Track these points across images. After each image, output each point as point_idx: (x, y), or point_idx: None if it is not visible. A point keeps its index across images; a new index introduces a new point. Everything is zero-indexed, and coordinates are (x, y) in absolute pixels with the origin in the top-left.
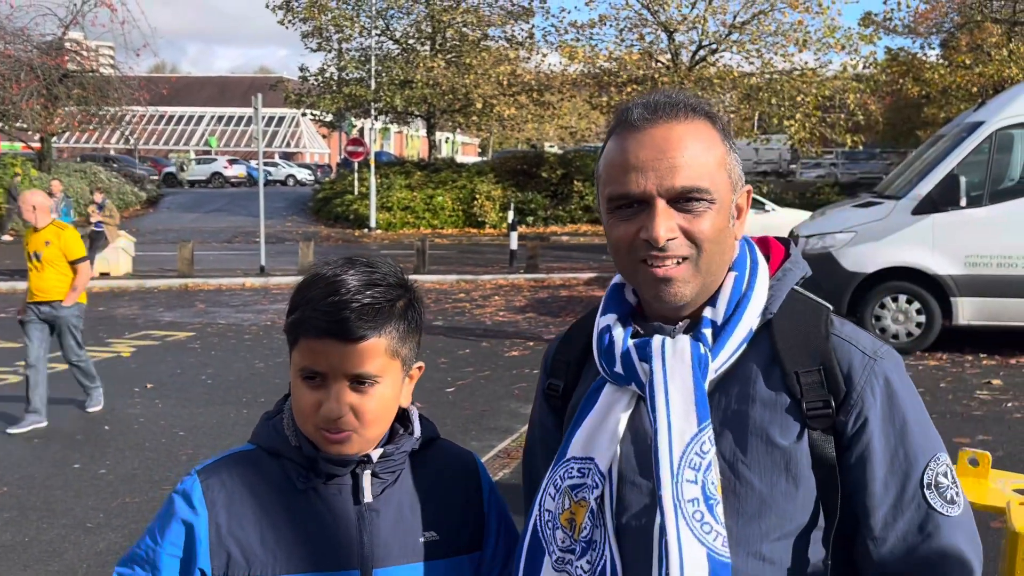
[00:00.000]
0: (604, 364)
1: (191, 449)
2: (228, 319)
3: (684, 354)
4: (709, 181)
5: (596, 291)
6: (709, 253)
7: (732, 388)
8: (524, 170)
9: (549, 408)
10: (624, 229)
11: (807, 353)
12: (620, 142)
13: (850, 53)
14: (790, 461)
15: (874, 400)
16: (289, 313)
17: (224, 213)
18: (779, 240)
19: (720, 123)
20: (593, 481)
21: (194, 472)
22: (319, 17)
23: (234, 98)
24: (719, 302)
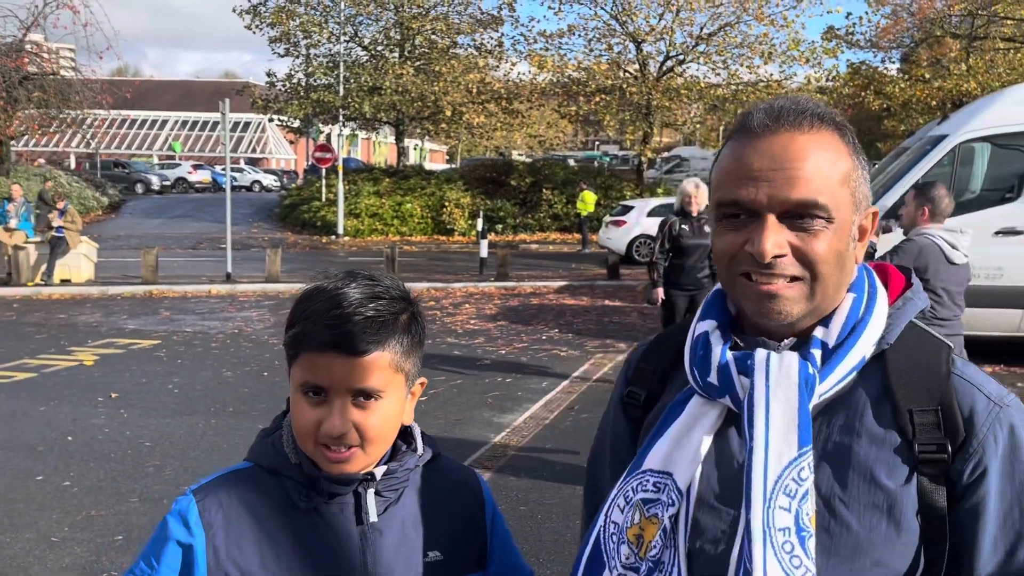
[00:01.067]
0: (697, 373)
1: (158, 460)
2: (194, 327)
3: (791, 371)
4: (829, 197)
5: (567, 299)
6: (823, 276)
7: (836, 418)
8: (493, 178)
9: (625, 417)
10: (730, 239)
11: (924, 391)
12: (736, 148)
13: (814, 66)
14: (894, 505)
15: (996, 450)
16: (289, 327)
17: (189, 219)
18: (899, 268)
19: (850, 135)
20: (669, 498)
21: (189, 492)
22: (287, 22)
23: (199, 103)
24: (833, 324)
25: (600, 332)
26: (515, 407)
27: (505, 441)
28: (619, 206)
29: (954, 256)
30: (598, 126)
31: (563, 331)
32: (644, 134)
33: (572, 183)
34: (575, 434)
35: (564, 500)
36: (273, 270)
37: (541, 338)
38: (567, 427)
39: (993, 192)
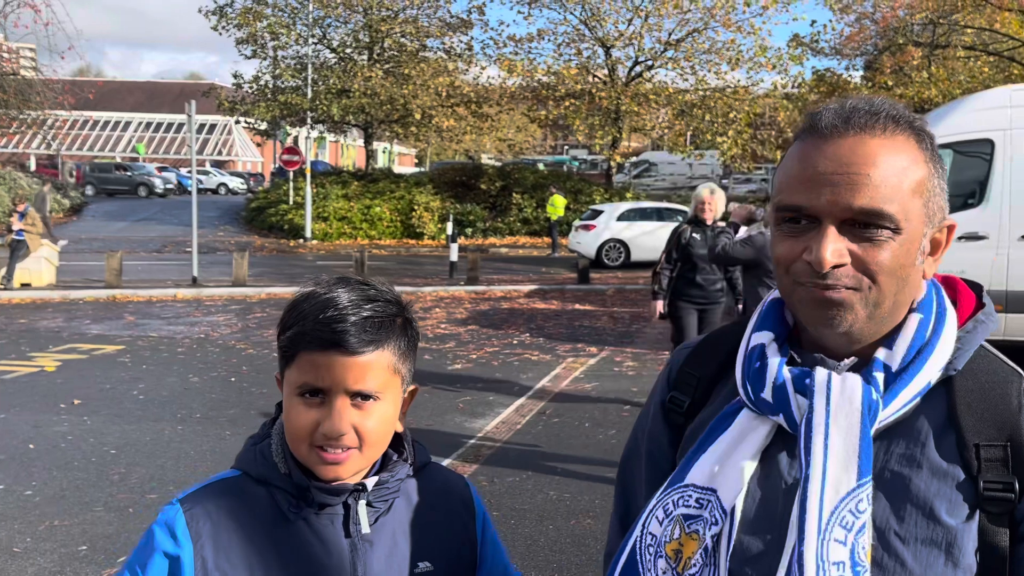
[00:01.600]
0: (749, 387)
1: (123, 468)
2: (160, 331)
3: (854, 395)
4: (897, 207)
5: (538, 303)
6: (884, 289)
7: (896, 445)
8: (463, 182)
9: (666, 423)
10: (788, 246)
11: (993, 424)
12: (802, 149)
13: (780, 72)
14: (953, 543)
15: None
16: (284, 330)
17: (153, 222)
18: (969, 284)
19: (928, 141)
20: (712, 516)
21: (176, 501)
22: (254, 24)
23: (163, 104)
24: (897, 345)
25: (571, 336)
26: (487, 412)
27: (477, 446)
28: (589, 210)
29: None
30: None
31: (534, 335)
32: (613, 139)
33: (542, 187)
34: (547, 439)
35: (537, 506)
36: (240, 274)
37: (512, 342)
38: (539, 431)
39: (956, 198)
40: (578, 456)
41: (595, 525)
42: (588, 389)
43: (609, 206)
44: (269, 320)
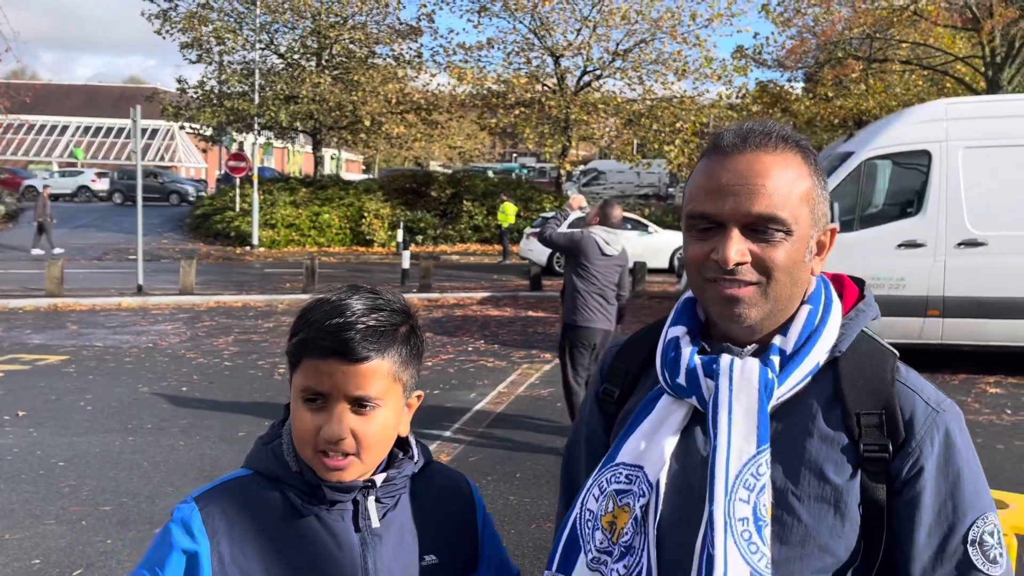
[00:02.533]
0: (667, 375)
1: (73, 480)
2: (105, 341)
3: (752, 375)
4: (789, 212)
5: (490, 310)
6: (779, 283)
7: (791, 419)
8: (413, 189)
9: (600, 412)
10: (699, 248)
11: (871, 396)
12: (708, 165)
13: (725, 83)
14: (840, 498)
15: (932, 451)
16: (292, 336)
17: (93, 229)
18: (853, 280)
19: (812, 157)
20: (640, 489)
21: (191, 499)
22: (199, 28)
23: (102, 108)
24: (790, 332)
25: (525, 343)
26: (444, 419)
27: (436, 454)
28: (539, 218)
29: (606, 249)
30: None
31: (488, 342)
32: (563, 147)
33: (492, 195)
34: (505, 444)
35: (498, 511)
36: (188, 282)
37: (467, 349)
38: (497, 437)
39: (895, 207)
40: (536, 461)
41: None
42: (544, 395)
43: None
44: (218, 329)
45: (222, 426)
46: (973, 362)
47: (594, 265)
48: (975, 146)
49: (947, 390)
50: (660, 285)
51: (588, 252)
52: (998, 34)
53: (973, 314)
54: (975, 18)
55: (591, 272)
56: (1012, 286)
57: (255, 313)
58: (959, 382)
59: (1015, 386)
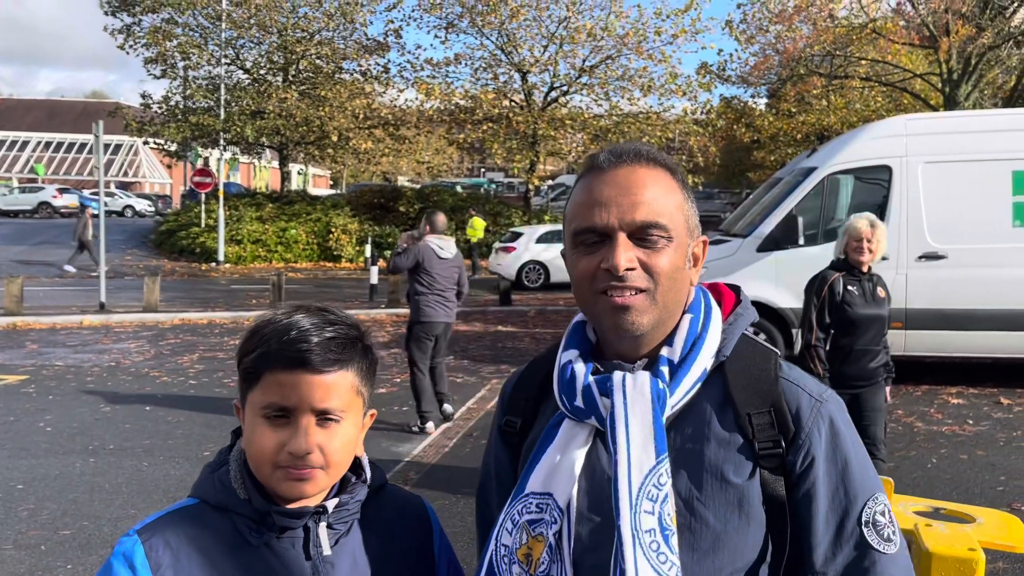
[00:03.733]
0: (564, 399)
1: (32, 504)
2: (66, 360)
3: (644, 388)
4: (668, 219)
5: (460, 325)
6: (665, 288)
7: (687, 427)
8: (381, 204)
9: (504, 444)
10: (587, 261)
11: (758, 395)
12: (587, 182)
13: (690, 99)
14: (743, 499)
15: (820, 440)
16: (246, 353)
17: (53, 245)
18: (729, 287)
19: (679, 175)
20: (551, 516)
21: (133, 532)
22: (164, 44)
23: (64, 123)
24: (676, 342)
25: (495, 358)
26: (413, 436)
27: (404, 471)
28: (508, 232)
29: (441, 253)
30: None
31: (458, 357)
32: (531, 162)
33: (461, 209)
34: (475, 461)
35: (468, 528)
36: (151, 299)
37: None
38: (466, 454)
39: None
40: None
41: None
42: None
43: (528, 228)
44: (183, 346)
45: (187, 446)
46: (935, 373)
47: (435, 269)
48: (934, 161)
49: (910, 402)
50: None
51: (428, 259)
52: (955, 52)
53: (935, 326)
54: (932, 36)
55: (432, 275)
56: (971, 298)
57: (220, 330)
58: (922, 393)
59: (976, 396)
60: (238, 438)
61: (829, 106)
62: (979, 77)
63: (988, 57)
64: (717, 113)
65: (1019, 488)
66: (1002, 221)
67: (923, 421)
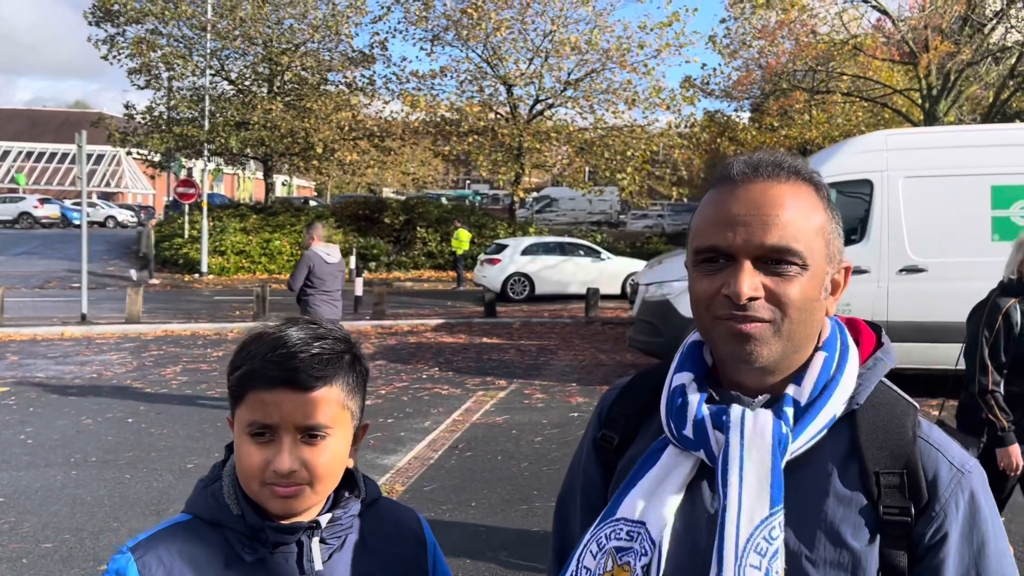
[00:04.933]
0: (673, 425)
1: (13, 517)
2: (47, 372)
3: (765, 430)
4: (804, 245)
5: (444, 337)
6: (794, 321)
7: (805, 476)
8: (366, 215)
9: (598, 459)
10: (707, 284)
11: (891, 453)
12: (716, 196)
13: (674, 112)
14: (858, 565)
15: (956, 515)
16: (233, 370)
17: (35, 256)
18: (870, 325)
19: (825, 191)
20: (642, 547)
21: (126, 549)
22: (147, 54)
23: (46, 133)
24: (805, 382)
25: (480, 370)
26: (398, 448)
27: (390, 483)
28: (493, 244)
29: (328, 259)
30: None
31: (443, 369)
32: (516, 174)
33: (446, 221)
34: (460, 473)
35: (453, 540)
36: (134, 310)
37: (421, 377)
38: (452, 466)
39: None
40: (492, 489)
41: (511, 558)
42: (499, 422)
43: (513, 240)
44: (166, 358)
45: (170, 458)
46: (916, 386)
47: (324, 272)
48: (914, 176)
49: None
50: (613, 311)
51: (317, 265)
52: (934, 68)
53: (915, 339)
54: (912, 52)
55: (321, 278)
56: (951, 311)
57: (204, 342)
58: None
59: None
60: (231, 452)
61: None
62: (958, 93)
63: (967, 73)
64: (701, 127)
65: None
66: (981, 235)
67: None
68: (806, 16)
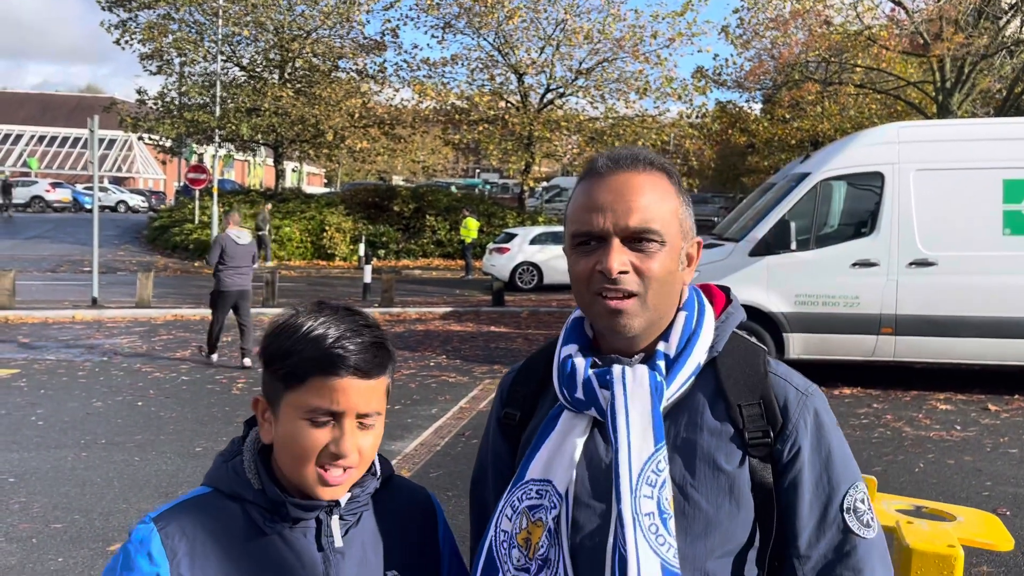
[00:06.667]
0: (565, 391)
1: (24, 497)
2: (58, 355)
3: (643, 381)
4: (661, 225)
5: (452, 325)
6: (656, 291)
7: (681, 417)
8: (376, 203)
9: (503, 436)
10: (584, 263)
11: (748, 388)
12: (586, 187)
13: (686, 103)
14: (733, 485)
15: (806, 431)
16: (286, 355)
17: (47, 240)
18: (719, 288)
19: (676, 178)
20: (551, 502)
21: (149, 519)
22: (159, 39)
23: (57, 117)
24: (672, 337)
25: (487, 358)
26: (405, 435)
27: (396, 469)
28: (503, 233)
29: (239, 241)
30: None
31: (450, 357)
32: (526, 164)
33: (455, 209)
34: (467, 460)
35: (458, 526)
36: (144, 295)
37: (429, 364)
38: (458, 453)
39: (850, 227)
40: None
41: None
42: None
43: (522, 230)
44: (175, 342)
45: (179, 441)
46: (924, 379)
47: (235, 251)
48: (926, 168)
49: (899, 407)
50: None
51: (229, 246)
52: (948, 59)
53: (924, 332)
54: (925, 43)
55: (232, 256)
56: (960, 305)
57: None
58: (911, 399)
59: (964, 403)
60: (251, 428)
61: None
62: (972, 86)
63: (981, 66)
64: (712, 117)
65: (1004, 493)
66: (992, 229)
67: (911, 426)
68: (820, 6)
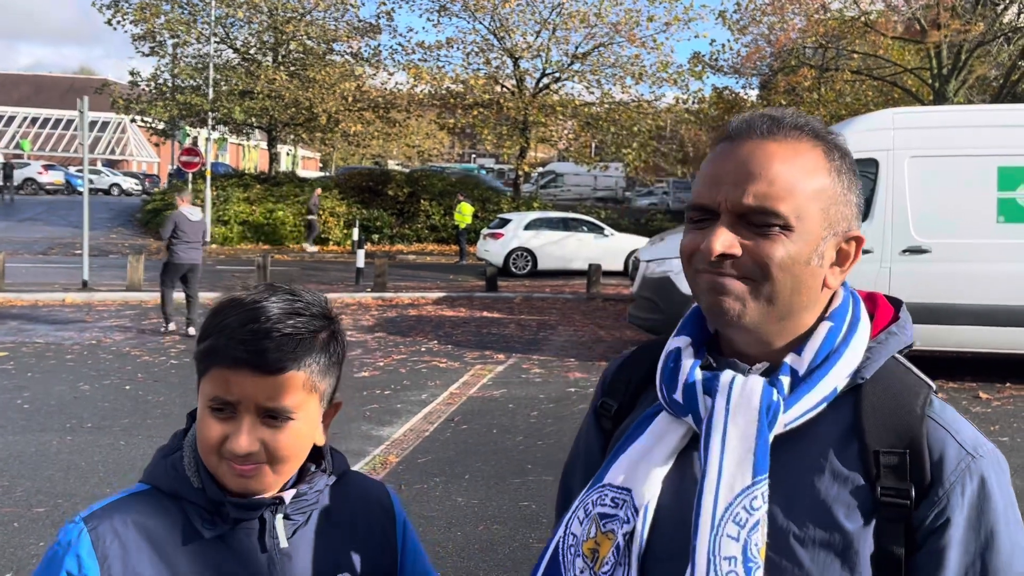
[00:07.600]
0: (664, 389)
1: (7, 481)
2: (47, 337)
3: (752, 396)
4: (789, 206)
5: (446, 310)
6: (777, 282)
7: (799, 450)
8: (370, 187)
9: (597, 427)
10: (690, 238)
11: (894, 431)
12: (713, 155)
13: (681, 88)
14: (850, 548)
15: (962, 501)
16: (201, 339)
17: (39, 222)
18: (889, 299)
19: (836, 153)
20: (626, 515)
21: (79, 519)
22: (152, 20)
23: (51, 99)
24: (805, 351)
25: (479, 343)
26: (394, 419)
27: (385, 454)
28: (497, 219)
29: (191, 217)
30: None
31: (442, 342)
32: (521, 148)
33: (450, 194)
34: (455, 446)
35: (445, 512)
36: (135, 278)
37: (420, 349)
38: (447, 439)
39: None
40: (486, 462)
41: (503, 531)
42: (496, 396)
43: (517, 215)
44: None
45: (166, 425)
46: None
47: (187, 227)
48: (920, 155)
49: None
50: (615, 288)
51: (182, 222)
52: (944, 46)
53: (917, 320)
54: (923, 30)
55: (184, 231)
56: (953, 293)
57: (204, 311)
58: None
59: (955, 391)
60: (194, 421)
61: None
62: (968, 73)
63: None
64: (709, 103)
65: None
66: (987, 216)
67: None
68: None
